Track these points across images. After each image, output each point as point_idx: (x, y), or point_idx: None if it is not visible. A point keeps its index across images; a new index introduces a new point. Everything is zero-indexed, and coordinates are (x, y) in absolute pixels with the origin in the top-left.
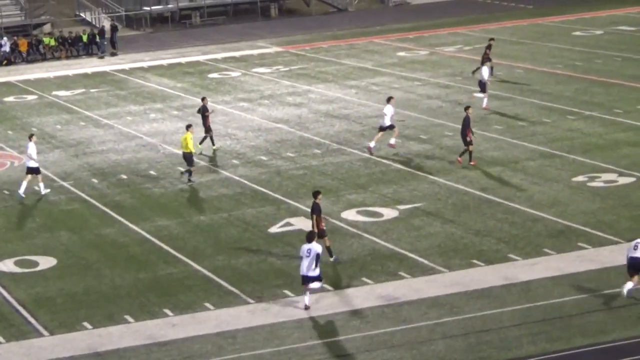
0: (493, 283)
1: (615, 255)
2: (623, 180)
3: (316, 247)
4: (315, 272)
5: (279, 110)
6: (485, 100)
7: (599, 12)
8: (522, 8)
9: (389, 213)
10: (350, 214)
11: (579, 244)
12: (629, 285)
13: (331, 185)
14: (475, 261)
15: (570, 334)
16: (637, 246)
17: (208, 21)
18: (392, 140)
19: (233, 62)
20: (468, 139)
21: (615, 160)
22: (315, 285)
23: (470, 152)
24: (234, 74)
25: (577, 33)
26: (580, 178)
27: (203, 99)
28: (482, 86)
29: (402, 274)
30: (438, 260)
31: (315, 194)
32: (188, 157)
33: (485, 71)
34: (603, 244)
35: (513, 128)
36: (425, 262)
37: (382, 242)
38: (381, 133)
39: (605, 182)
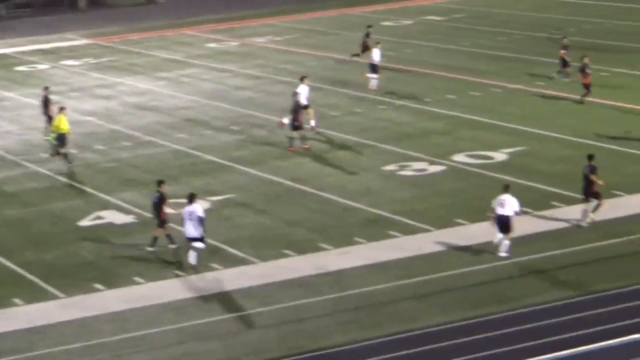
0: (305, 273)
1: (426, 242)
2: (433, 169)
3: (198, 209)
4: (198, 233)
5: (88, 102)
6: (377, 82)
7: (408, 2)
8: None
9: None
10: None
11: (390, 232)
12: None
13: (142, 177)
14: (286, 251)
15: (382, 322)
16: (502, 203)
17: (14, 13)
18: (286, 120)
19: (41, 55)
20: (296, 123)
21: (426, 148)
22: (198, 244)
23: (300, 137)
24: (42, 67)
25: (387, 23)
26: (391, 167)
27: (45, 89)
28: (374, 68)
29: (215, 265)
30: (250, 251)
31: (159, 183)
32: (62, 138)
33: (376, 53)
34: (414, 232)
35: (325, 118)
36: (238, 253)
37: None
38: (309, 111)
39: (415, 170)
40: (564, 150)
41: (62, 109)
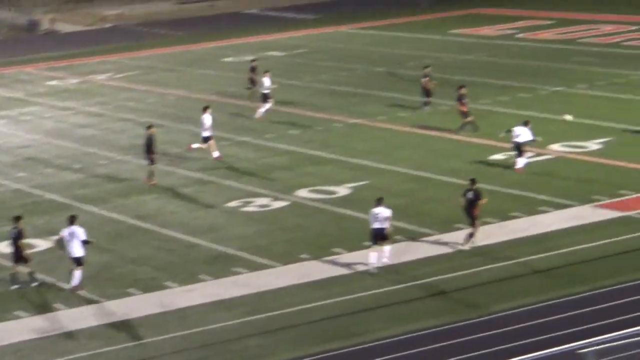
0: (150, 311)
1: (271, 279)
2: (277, 205)
3: (79, 230)
4: (80, 253)
5: None
6: (267, 107)
7: (249, 37)
8: (174, 35)
9: (40, 244)
10: (2, 246)
11: (235, 268)
12: (372, 256)
13: None
14: (131, 290)
15: (229, 359)
16: (377, 216)
17: None
18: (195, 145)
19: None
20: (150, 158)
21: (269, 184)
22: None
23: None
24: None
25: (228, 59)
26: (234, 203)
27: None
28: (265, 97)
29: (59, 305)
30: (94, 290)
31: (16, 218)
32: None
33: (266, 82)
34: (258, 268)
35: (167, 155)
36: (81, 292)
37: (38, 275)
38: (209, 143)
39: (259, 206)
40: (406, 184)
41: None
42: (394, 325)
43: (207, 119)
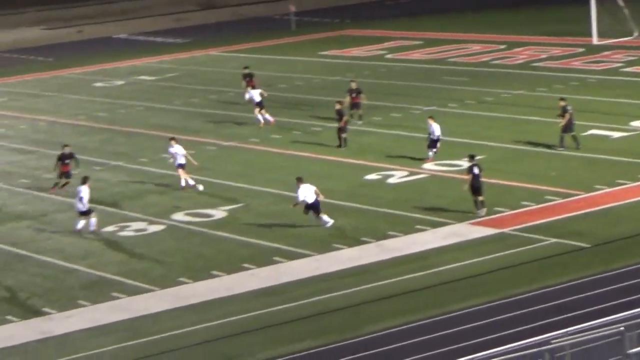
0: (29, 338)
1: (150, 302)
2: (153, 229)
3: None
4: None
5: None
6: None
7: (119, 62)
8: (43, 61)
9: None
10: None
11: (113, 293)
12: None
13: None
14: (9, 317)
15: None
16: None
17: None
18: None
19: None
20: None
21: (144, 208)
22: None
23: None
24: None
25: (99, 84)
26: (110, 228)
27: None
28: (258, 104)
29: None
30: None
31: None
32: None
33: (255, 94)
34: (137, 292)
35: (38, 180)
36: None
37: None
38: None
39: (135, 230)
40: (281, 205)
41: None
42: (274, 346)
43: (179, 149)
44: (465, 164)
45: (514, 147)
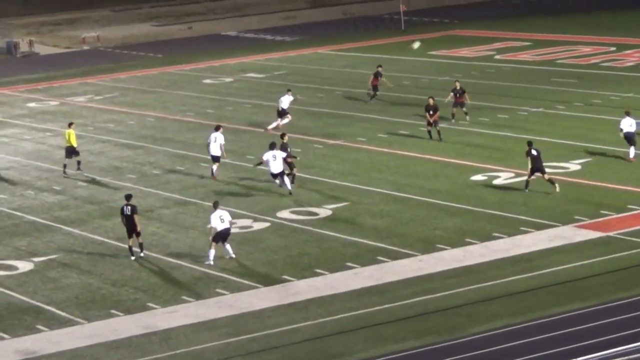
0: (133, 332)
1: (254, 300)
2: (258, 226)
3: None
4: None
5: None
6: (276, 124)
7: (227, 59)
8: (152, 57)
9: (24, 266)
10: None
11: (217, 290)
12: (212, 252)
13: None
14: (113, 311)
15: None
16: (223, 219)
17: None
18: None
19: None
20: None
21: (250, 206)
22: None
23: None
24: None
25: (208, 81)
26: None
27: None
28: (282, 112)
29: (40, 327)
30: (76, 312)
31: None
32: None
33: (286, 100)
34: (241, 289)
35: (146, 177)
36: (63, 314)
37: (18, 295)
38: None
39: (240, 228)
40: (386, 205)
41: (70, 124)
42: (376, 346)
43: (219, 137)
44: (573, 166)
45: (622, 150)
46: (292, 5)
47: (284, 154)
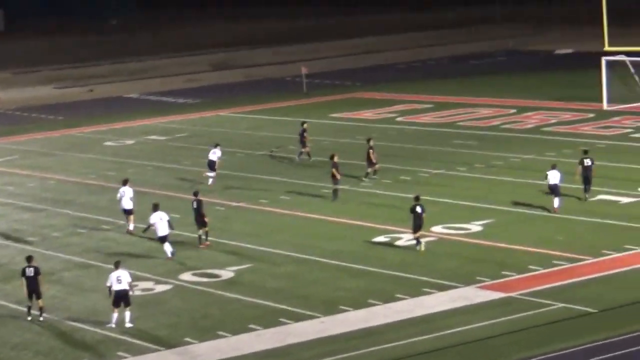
0: None
1: None
2: (160, 288)
3: None
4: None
5: None
6: (213, 180)
7: (129, 122)
8: (53, 119)
9: None
10: None
11: (119, 353)
12: (115, 316)
13: None
14: None
15: None
16: (120, 279)
17: None
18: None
19: None
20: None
21: (151, 268)
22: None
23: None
24: None
25: (109, 143)
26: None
27: None
28: (212, 165)
29: None
30: None
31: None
32: None
33: (214, 153)
34: (143, 352)
35: (47, 239)
36: None
37: None
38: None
39: (142, 290)
40: (288, 266)
41: None
42: None
43: (128, 191)
44: (474, 227)
45: (522, 211)
46: (194, 68)
47: (168, 217)
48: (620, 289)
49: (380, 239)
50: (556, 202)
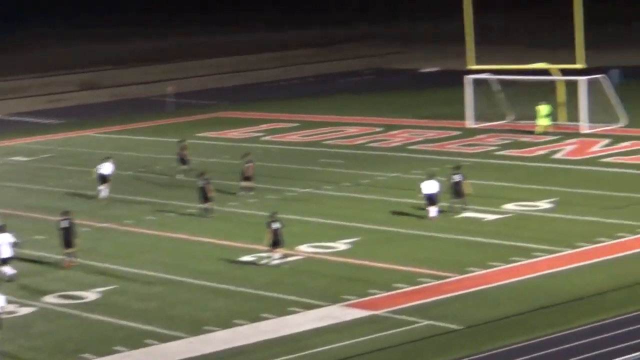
0: None
1: None
2: (24, 311)
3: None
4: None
5: None
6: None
7: None
8: None
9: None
10: None
11: None
12: None
13: None
14: None
15: None
16: None
17: None
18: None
19: None
20: None
21: (14, 290)
22: None
23: None
24: None
25: None
26: None
27: None
28: (104, 179)
29: None
30: None
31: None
32: None
33: (108, 167)
34: None
35: None
36: None
37: None
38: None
39: (6, 313)
40: (155, 287)
41: None
42: None
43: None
44: (341, 246)
45: (388, 229)
46: (59, 88)
47: (12, 240)
48: (485, 306)
49: (247, 258)
50: (432, 211)
